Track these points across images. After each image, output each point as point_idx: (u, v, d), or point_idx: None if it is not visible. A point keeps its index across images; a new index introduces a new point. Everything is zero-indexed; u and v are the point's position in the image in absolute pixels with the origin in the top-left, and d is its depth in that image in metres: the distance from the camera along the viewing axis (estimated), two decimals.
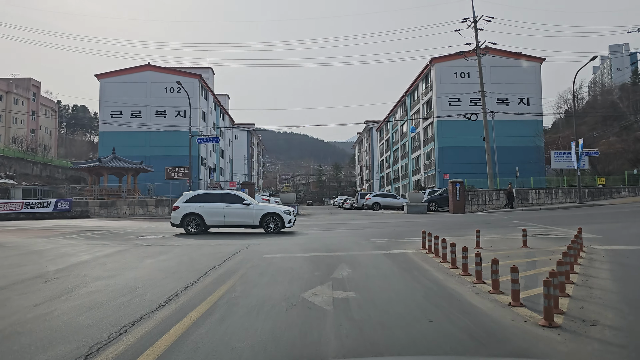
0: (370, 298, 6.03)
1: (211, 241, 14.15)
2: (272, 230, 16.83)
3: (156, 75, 47.67)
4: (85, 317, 5.29)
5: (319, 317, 5.12)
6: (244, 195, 17.66)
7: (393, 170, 70.60)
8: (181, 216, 16.97)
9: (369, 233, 16.12)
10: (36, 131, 73.74)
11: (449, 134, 45.41)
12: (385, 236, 14.59)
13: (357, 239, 14.03)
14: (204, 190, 18.57)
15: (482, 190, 31.82)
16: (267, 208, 17.51)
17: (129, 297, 6.32)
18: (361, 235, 15.40)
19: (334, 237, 14.88)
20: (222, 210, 16.91)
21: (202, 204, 17.03)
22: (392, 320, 4.96)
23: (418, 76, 51.36)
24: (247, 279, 7.56)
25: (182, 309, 5.54)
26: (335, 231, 17.65)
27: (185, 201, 17.33)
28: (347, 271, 8.04)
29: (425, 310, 5.41)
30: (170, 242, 14.04)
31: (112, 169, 37.40)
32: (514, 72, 44.94)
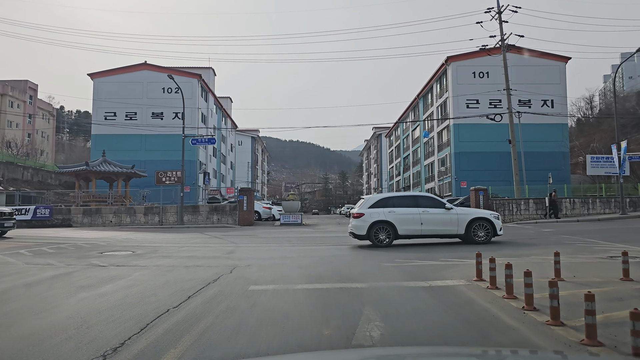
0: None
1: (177, 261, 10.96)
2: (482, 240, 13.67)
3: (153, 75, 44.78)
4: None
5: None
6: (440, 199, 14.53)
7: (404, 178, 67.27)
8: (368, 225, 13.62)
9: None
10: (32, 135, 71.11)
11: (466, 138, 42.14)
12: (412, 255, 11.36)
13: (377, 259, 10.80)
14: (391, 193, 15.22)
15: (508, 199, 28.49)
16: (472, 213, 14.27)
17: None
18: (380, 253, 12.17)
19: (346, 257, 11.65)
20: (417, 216, 13.70)
21: (392, 210, 13.76)
22: None
23: (432, 77, 48.21)
24: (206, 345, 4.36)
25: None
26: (345, 246, 14.43)
27: (369, 206, 13.98)
28: (377, 327, 4.81)
29: None
30: (137, 262, 10.88)
31: (101, 173, 34.41)
32: (537, 72, 41.67)
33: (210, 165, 52.57)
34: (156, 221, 28.94)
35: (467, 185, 41.30)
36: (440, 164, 47.34)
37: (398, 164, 72.01)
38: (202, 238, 18.60)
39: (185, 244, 15.68)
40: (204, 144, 29.67)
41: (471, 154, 42.00)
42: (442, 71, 45.60)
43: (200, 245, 15.24)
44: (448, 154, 44.49)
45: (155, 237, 19.33)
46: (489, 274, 7.12)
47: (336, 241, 16.60)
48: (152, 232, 22.38)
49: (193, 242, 16.46)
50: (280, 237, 19.02)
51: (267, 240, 17.56)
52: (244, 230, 23.61)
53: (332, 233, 21.63)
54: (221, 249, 13.86)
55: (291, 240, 17.24)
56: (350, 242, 15.91)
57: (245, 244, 15.68)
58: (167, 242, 16.47)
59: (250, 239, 18.20)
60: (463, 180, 41.54)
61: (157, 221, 28.94)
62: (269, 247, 14.77)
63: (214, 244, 15.72)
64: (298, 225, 28.22)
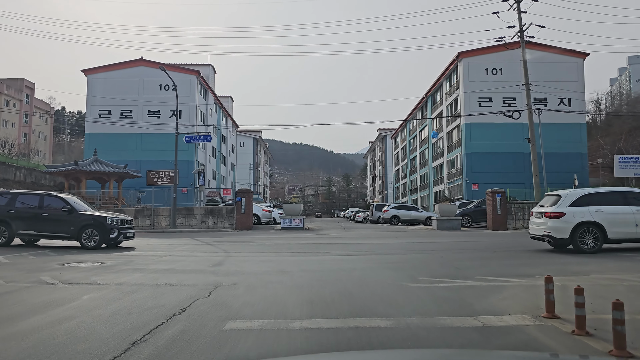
0: None
1: (149, 276, 8.82)
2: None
3: (149, 71, 42.76)
4: None
5: None
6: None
7: (410, 181, 65.06)
8: (572, 227, 11.75)
9: (408, 263, 10.74)
10: (29, 135, 69.32)
11: (478, 138, 39.95)
12: (438, 270, 9.24)
13: (396, 275, 8.68)
14: (594, 189, 13.06)
15: (528, 202, 26.27)
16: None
17: None
18: (398, 266, 10.03)
19: (357, 271, 9.51)
20: (631, 217, 11.72)
21: (598, 209, 11.82)
22: None
23: (442, 74, 46.05)
24: None
25: None
26: (354, 257, 12.29)
27: (569, 204, 12.00)
28: None
29: None
30: (98, 278, 8.78)
31: (92, 173, 32.43)
32: (554, 69, 39.43)
33: (210, 166, 50.53)
34: (147, 224, 26.88)
35: (479, 187, 39.16)
36: (450, 166, 45.14)
37: (404, 166, 69.80)
38: (192, 244, 16.50)
39: (170, 252, 13.58)
40: (199, 142, 27.58)
41: (483, 154, 39.81)
42: (452, 68, 43.44)
43: (186, 254, 13.13)
44: (459, 155, 42.30)
45: (140, 243, 17.25)
46: (556, 303, 5.03)
47: (343, 249, 14.46)
48: (139, 238, 20.29)
49: (179, 250, 14.36)
50: (280, 243, 16.91)
51: (264, 247, 15.44)
52: (240, 236, 21.49)
53: (338, 239, 19.49)
54: (208, 260, 11.74)
55: (292, 247, 15.12)
56: (357, 250, 13.76)
57: (237, 253, 13.57)
58: (149, 250, 14.38)
59: (245, 246, 16.08)
60: (475, 182, 39.36)
61: (149, 224, 26.88)
62: (265, 256, 12.65)
63: (202, 253, 13.62)
64: (300, 230, 26.10)
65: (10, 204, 14.89)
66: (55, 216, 14.59)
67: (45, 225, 14.60)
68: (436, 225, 26.44)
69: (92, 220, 14.55)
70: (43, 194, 15.33)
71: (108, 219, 14.65)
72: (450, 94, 44.68)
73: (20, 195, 15.41)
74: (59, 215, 14.59)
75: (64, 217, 14.56)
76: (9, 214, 14.70)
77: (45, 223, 14.60)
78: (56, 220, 14.57)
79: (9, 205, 14.86)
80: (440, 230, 25.68)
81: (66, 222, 14.51)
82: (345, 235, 22.18)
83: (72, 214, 14.59)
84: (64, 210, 14.61)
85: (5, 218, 14.71)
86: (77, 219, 14.52)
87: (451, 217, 26.45)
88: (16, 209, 14.78)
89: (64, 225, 14.51)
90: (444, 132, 47.04)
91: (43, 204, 14.85)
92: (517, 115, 29.56)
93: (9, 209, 14.76)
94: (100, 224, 14.49)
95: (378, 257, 12.21)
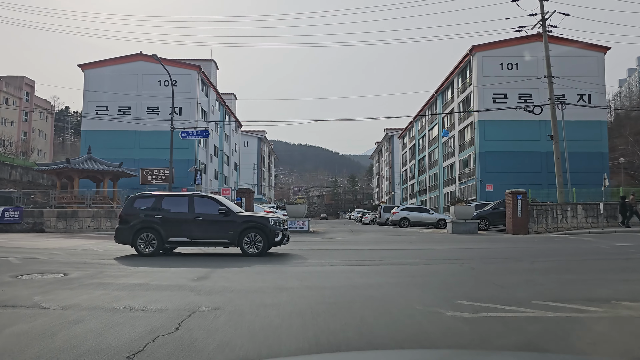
0: None
1: (111, 295, 6.92)
2: None
3: (149, 66, 40.99)
4: None
5: None
6: None
7: (419, 182, 63.03)
8: None
9: (434, 277, 8.81)
10: (28, 133, 67.92)
11: (492, 137, 37.93)
12: (477, 289, 7.32)
13: (425, 296, 6.78)
14: None
15: (552, 204, 24.25)
16: None
17: None
18: (424, 282, 8.11)
19: (374, 289, 7.59)
20: None
21: None
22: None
23: (454, 70, 44.05)
24: None
25: None
26: (368, 267, 10.39)
27: None
28: None
29: None
30: (44, 298, 6.94)
31: (85, 171, 30.68)
32: (573, 64, 37.32)
33: (212, 165, 48.76)
34: None
35: (493, 188, 37.15)
36: (462, 166, 43.12)
37: (412, 167, 67.79)
38: (179, 250, 14.62)
39: (150, 261, 11.72)
40: (196, 137, 25.76)
41: (498, 153, 37.79)
42: (465, 63, 41.44)
43: (168, 263, 11.25)
44: (471, 154, 40.28)
45: (125, 249, 15.42)
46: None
47: (353, 257, 12.54)
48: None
49: (162, 258, 12.50)
50: (282, 250, 15.00)
51: None
52: None
53: (346, 244, 17.58)
54: (192, 271, 9.87)
55: (295, 255, 13.21)
56: (370, 259, 11.82)
57: (230, 262, 11.69)
58: (130, 258, 12.52)
59: None
60: (489, 183, 37.34)
61: None
62: (262, 267, 10.75)
63: (187, 261, 11.73)
64: (304, 233, 24.20)
65: (155, 207, 12.74)
66: (210, 220, 12.46)
67: (200, 230, 12.49)
68: (451, 229, 24.48)
69: (254, 222, 12.47)
70: (192, 195, 13.10)
71: (271, 220, 12.55)
72: (463, 91, 42.68)
73: (166, 197, 13.14)
74: (214, 219, 12.45)
75: (220, 220, 12.43)
76: (156, 219, 12.55)
77: (200, 228, 12.48)
78: (212, 225, 12.46)
79: (155, 209, 12.70)
80: (456, 234, 23.73)
81: (224, 226, 12.38)
82: (354, 240, 20.27)
83: (230, 216, 12.46)
84: (221, 212, 12.45)
85: (153, 224, 12.53)
86: (235, 222, 12.37)
87: (468, 220, 24.50)
88: (163, 212, 12.62)
89: (221, 229, 12.42)
90: (455, 130, 45.02)
91: (194, 205, 12.63)
92: (538, 111, 27.53)
93: (156, 213, 12.62)
94: (264, 226, 12.37)
95: (396, 268, 10.29)
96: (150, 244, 12.53)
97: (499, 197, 34.61)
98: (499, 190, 36.39)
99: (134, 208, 12.90)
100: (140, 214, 12.74)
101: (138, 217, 12.69)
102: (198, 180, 23.51)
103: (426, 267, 10.39)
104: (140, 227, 12.57)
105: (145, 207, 12.85)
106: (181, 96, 39.61)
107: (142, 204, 12.94)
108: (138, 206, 12.92)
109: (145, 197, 13.16)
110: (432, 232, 26.02)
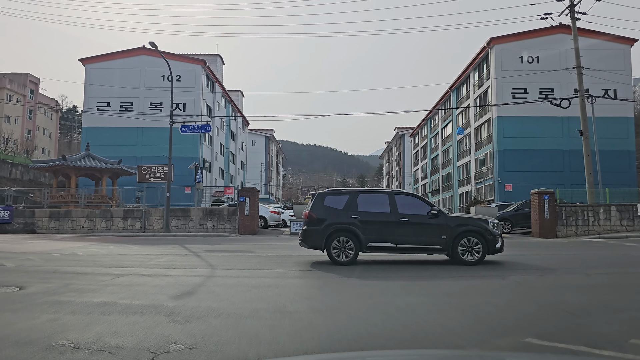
0: None
1: (57, 323, 5.21)
2: None
3: (152, 61, 39.37)
4: None
5: None
6: None
7: (431, 181, 61.03)
8: None
9: (477, 298, 7.00)
10: (32, 132, 66.80)
11: (512, 134, 35.93)
12: (542, 319, 5.53)
13: (474, 328, 4.99)
14: None
15: (582, 206, 22.27)
16: None
17: None
18: (465, 305, 6.32)
19: (402, 314, 5.81)
20: None
21: None
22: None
23: (469, 64, 42.06)
24: None
25: None
26: (390, 282, 8.63)
27: None
28: None
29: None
30: None
31: (82, 169, 29.15)
32: (597, 57, 35.15)
33: (217, 164, 47.18)
34: (138, 227, 23.48)
35: (512, 188, 35.18)
36: (479, 165, 41.12)
37: (424, 166, 65.80)
38: (174, 255, 12.93)
39: (135, 268, 10.03)
40: (197, 132, 24.11)
41: (517, 152, 35.77)
42: (482, 56, 39.44)
43: (154, 272, 9.54)
44: (489, 153, 38.29)
45: (112, 252, 13.80)
46: None
47: (369, 267, 10.73)
48: (118, 244, 16.88)
49: (151, 265, 10.81)
50: (287, 255, 13.26)
51: (266, 261, 11.81)
52: (241, 242, 17.89)
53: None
54: (178, 284, 8.16)
55: (301, 263, 11.43)
56: (389, 269, 9.99)
57: (226, 271, 9.98)
58: (110, 264, 10.85)
59: (242, 258, 12.46)
60: (508, 182, 35.35)
61: (139, 227, 23.48)
62: (262, 278, 9.01)
63: (177, 270, 10.02)
64: None
65: (350, 206, 10.80)
66: (418, 222, 10.62)
67: (407, 234, 10.58)
68: None
69: (470, 225, 10.59)
70: (392, 192, 11.22)
71: (490, 223, 10.67)
72: (479, 86, 40.68)
73: (361, 194, 11.22)
74: (422, 221, 10.61)
75: (429, 222, 10.59)
76: (353, 220, 10.63)
77: (406, 231, 10.59)
78: (421, 228, 10.61)
79: (350, 208, 10.76)
80: None
81: (434, 230, 10.54)
82: None
83: (440, 218, 10.61)
84: (432, 214, 10.59)
85: (350, 226, 10.59)
86: (448, 226, 10.50)
87: None
88: (361, 213, 10.71)
89: (432, 233, 10.56)
90: (471, 127, 43.03)
91: (396, 205, 10.71)
92: (565, 104, 25.49)
93: (352, 213, 10.67)
94: (484, 230, 10.47)
95: (424, 284, 8.49)
96: (347, 250, 10.55)
97: (519, 197, 32.64)
98: (519, 190, 34.42)
99: (325, 207, 10.89)
100: (333, 213, 10.76)
101: (331, 217, 10.72)
102: (199, 178, 21.84)
103: (462, 282, 8.59)
104: (335, 230, 10.59)
105: (337, 205, 10.88)
106: (185, 91, 38.06)
107: (334, 201, 10.95)
108: (329, 204, 10.90)
109: (336, 194, 11.18)
110: None
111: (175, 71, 38.01)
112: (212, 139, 44.72)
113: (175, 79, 38.12)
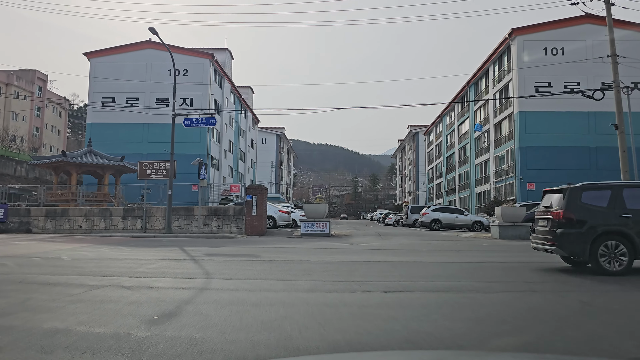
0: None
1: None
2: None
3: (158, 55, 38.13)
4: None
5: None
6: None
7: (447, 180, 59.14)
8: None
9: (533, 321, 5.34)
10: (40, 129, 66.12)
11: (535, 130, 34.11)
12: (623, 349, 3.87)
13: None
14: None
15: None
16: None
17: None
18: (520, 328, 4.65)
19: (441, 343, 4.14)
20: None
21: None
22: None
23: (489, 57, 40.22)
24: None
25: None
26: (418, 294, 7.03)
27: None
28: None
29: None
30: None
31: (84, 166, 27.95)
32: (627, 48, 33.14)
33: (225, 161, 45.83)
34: (138, 227, 22.12)
35: (535, 187, 33.32)
36: (499, 163, 39.24)
37: (439, 165, 63.91)
38: (169, 261, 11.43)
39: (121, 277, 8.53)
40: (200, 125, 22.72)
41: (540, 148, 33.95)
42: (503, 49, 37.59)
43: (138, 282, 8.02)
44: (510, 150, 36.44)
45: (100, 255, 12.35)
46: None
47: (392, 277, 9.10)
48: (112, 246, 15.47)
49: (140, 272, 9.30)
50: (295, 260, 11.72)
51: (271, 269, 10.26)
52: (246, 245, 16.36)
53: (377, 254, 14.15)
54: (162, 300, 6.62)
55: (312, 271, 9.83)
56: (416, 278, 8.35)
57: (223, 282, 8.43)
58: (91, 272, 9.36)
59: (245, 265, 10.92)
60: (530, 181, 33.53)
61: (140, 227, 22.10)
62: (265, 291, 7.44)
63: (168, 280, 8.49)
64: (325, 237, 20.84)
65: (615, 203, 8.97)
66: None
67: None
68: (498, 233, 20.92)
69: None
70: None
71: None
72: (499, 80, 38.82)
73: (626, 188, 9.27)
74: None
75: None
76: (623, 220, 8.83)
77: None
78: None
79: (616, 205, 8.94)
80: (503, 239, 20.20)
81: None
82: (384, 247, 16.87)
83: None
84: None
85: (622, 228, 8.81)
86: None
87: (517, 224, 20.96)
88: (632, 211, 8.84)
89: None
90: (490, 123, 41.16)
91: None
92: (599, 95, 23.59)
93: (622, 212, 8.87)
94: None
95: (461, 298, 6.85)
96: (618, 258, 8.75)
97: (541, 197, 30.81)
98: (542, 190, 32.58)
99: (584, 205, 9.09)
100: (596, 212, 9.02)
101: (595, 217, 8.98)
102: (203, 175, 20.39)
103: (508, 295, 6.96)
104: (602, 232, 8.84)
105: (599, 202, 9.10)
106: (192, 86, 36.76)
107: (594, 198, 9.14)
108: (588, 201, 9.10)
109: (596, 189, 9.29)
110: (475, 237, 22.45)
111: (182, 65, 36.75)
112: (221, 135, 43.38)
113: (182, 74, 36.85)
